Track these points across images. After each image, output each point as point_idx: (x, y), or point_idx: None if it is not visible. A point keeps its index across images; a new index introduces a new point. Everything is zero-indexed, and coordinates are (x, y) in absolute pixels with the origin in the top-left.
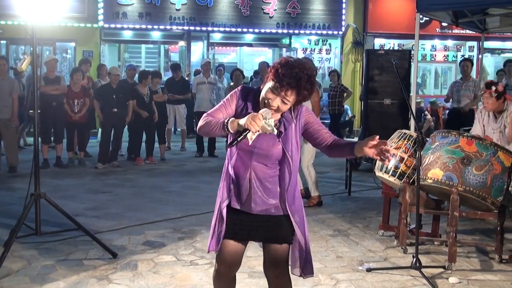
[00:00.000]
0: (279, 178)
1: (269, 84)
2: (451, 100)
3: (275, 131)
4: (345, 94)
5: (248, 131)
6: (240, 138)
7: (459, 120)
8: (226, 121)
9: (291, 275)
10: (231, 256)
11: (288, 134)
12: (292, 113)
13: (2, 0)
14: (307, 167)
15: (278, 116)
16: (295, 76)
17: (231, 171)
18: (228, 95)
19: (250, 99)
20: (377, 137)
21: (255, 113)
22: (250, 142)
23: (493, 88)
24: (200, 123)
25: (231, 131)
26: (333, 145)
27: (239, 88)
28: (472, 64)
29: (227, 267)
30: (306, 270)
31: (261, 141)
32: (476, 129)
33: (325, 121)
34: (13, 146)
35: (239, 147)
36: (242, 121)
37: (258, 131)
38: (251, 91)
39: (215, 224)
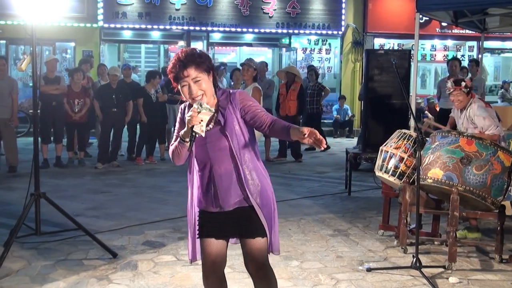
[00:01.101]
0: (235, 168)
1: (180, 87)
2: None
3: (213, 110)
4: (323, 93)
5: (193, 127)
6: (192, 136)
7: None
8: (178, 136)
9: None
10: (214, 253)
11: (228, 121)
12: (227, 100)
13: (2, 0)
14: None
15: (214, 102)
16: (178, 59)
17: (195, 173)
18: (178, 117)
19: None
20: (306, 129)
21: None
22: (203, 134)
23: (463, 84)
24: (170, 155)
25: (187, 139)
26: (272, 126)
27: (181, 106)
28: (460, 64)
29: (211, 265)
30: (273, 247)
31: (210, 136)
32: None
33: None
34: (13, 146)
35: (196, 150)
36: (186, 124)
37: (201, 121)
38: (187, 104)
39: (190, 232)
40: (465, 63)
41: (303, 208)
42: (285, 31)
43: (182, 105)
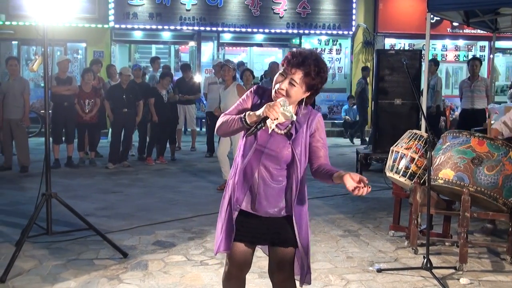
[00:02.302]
0: (286, 182)
1: (280, 70)
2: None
3: (294, 117)
4: None
5: (267, 118)
6: (260, 125)
7: (471, 120)
8: (244, 115)
9: None
10: (242, 257)
11: (299, 137)
12: (306, 118)
13: (14, 1)
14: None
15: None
16: (302, 55)
17: (240, 171)
18: (244, 95)
19: (265, 98)
20: (357, 178)
21: (273, 102)
22: (270, 130)
23: None
24: (218, 122)
25: (249, 123)
26: (318, 169)
27: (254, 87)
28: (481, 63)
29: (237, 269)
30: (306, 278)
31: (272, 142)
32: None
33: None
34: (24, 146)
35: (253, 146)
36: (260, 111)
37: (277, 118)
38: (266, 90)
39: (222, 225)
40: None
41: (313, 209)
42: (295, 31)
43: (255, 86)
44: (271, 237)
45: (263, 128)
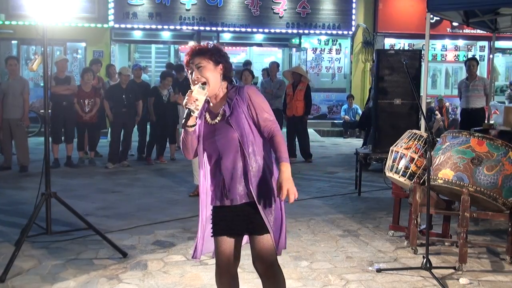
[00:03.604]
0: (241, 161)
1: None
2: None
3: (206, 89)
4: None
5: (189, 105)
6: (188, 115)
7: (470, 120)
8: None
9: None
10: (228, 251)
11: (235, 114)
12: (235, 93)
13: (13, 1)
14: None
15: (223, 94)
16: (193, 47)
17: (206, 169)
18: None
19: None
20: (282, 191)
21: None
22: (197, 112)
23: None
24: (181, 150)
25: (190, 124)
26: (270, 139)
27: None
28: (478, 63)
29: (225, 263)
30: (279, 245)
31: (219, 131)
32: None
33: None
34: (24, 145)
35: (205, 145)
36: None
37: (196, 100)
38: None
39: (200, 229)
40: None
41: (313, 209)
42: (295, 31)
43: None
44: (247, 227)
45: (192, 115)
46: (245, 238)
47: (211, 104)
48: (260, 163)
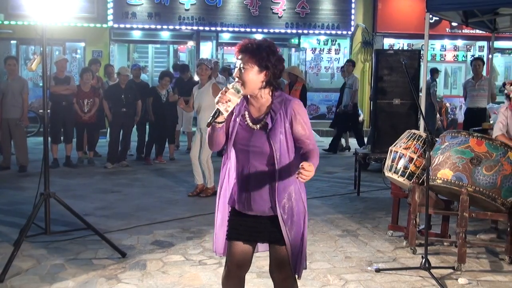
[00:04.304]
0: (271, 177)
1: None
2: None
3: (240, 90)
4: None
5: (219, 105)
6: (214, 115)
7: (475, 120)
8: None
9: None
10: (240, 256)
11: (276, 127)
12: (281, 105)
13: (13, 1)
14: (206, 161)
15: (265, 102)
16: (244, 42)
17: (231, 172)
18: None
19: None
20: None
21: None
22: (226, 114)
23: None
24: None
25: (219, 121)
26: (302, 155)
27: None
28: (484, 63)
29: (236, 268)
30: (297, 270)
31: (254, 138)
32: (497, 129)
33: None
34: (23, 145)
35: (237, 148)
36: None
37: (228, 100)
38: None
39: (218, 227)
40: None
41: (312, 209)
42: (294, 31)
43: None
44: (269, 236)
45: (220, 114)
46: (261, 246)
47: (251, 105)
48: (291, 181)
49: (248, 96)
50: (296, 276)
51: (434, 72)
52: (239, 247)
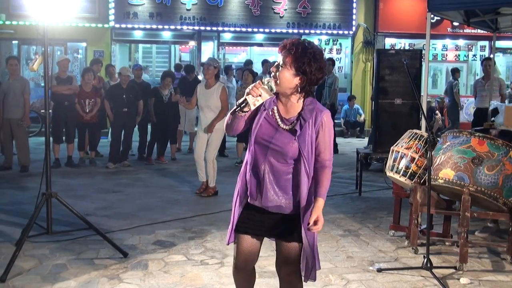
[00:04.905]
0: (292, 177)
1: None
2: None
3: (274, 89)
4: None
5: (249, 97)
6: (243, 104)
7: (484, 120)
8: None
9: None
10: (247, 250)
11: (305, 134)
12: (312, 114)
13: (14, 1)
14: (212, 160)
15: (296, 107)
16: (296, 43)
17: (248, 166)
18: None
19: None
20: (314, 222)
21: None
22: (253, 107)
23: None
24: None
25: (245, 110)
26: (315, 170)
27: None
28: (494, 63)
29: (243, 261)
30: (310, 274)
31: (278, 137)
32: None
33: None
34: (24, 145)
35: (256, 141)
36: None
37: (260, 95)
38: None
39: (232, 218)
40: (477, 63)
41: None
42: (296, 31)
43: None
44: (278, 232)
45: (247, 105)
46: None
47: (280, 104)
48: (310, 181)
49: (279, 94)
50: (309, 279)
51: (456, 71)
52: (247, 241)
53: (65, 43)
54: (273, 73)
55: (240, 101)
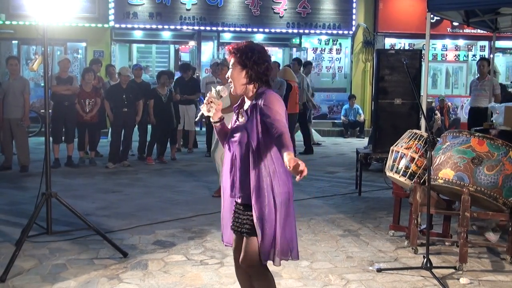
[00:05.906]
0: (247, 164)
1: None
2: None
3: (225, 94)
4: None
5: (203, 106)
6: (199, 114)
7: (478, 119)
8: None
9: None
10: (235, 247)
11: (252, 119)
12: (258, 98)
13: (14, 1)
14: (221, 159)
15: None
16: (237, 47)
17: (225, 163)
18: None
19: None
20: (291, 163)
21: None
22: (206, 114)
23: None
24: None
25: (213, 121)
26: (276, 138)
27: None
28: (489, 64)
29: (235, 259)
30: (270, 257)
31: (235, 130)
32: None
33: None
34: (24, 145)
35: (227, 140)
36: None
37: (211, 102)
38: None
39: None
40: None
41: (313, 208)
42: (295, 31)
43: None
44: (243, 228)
45: (205, 115)
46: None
47: (245, 103)
48: (262, 168)
49: (244, 95)
50: (273, 262)
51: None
52: (236, 238)
53: (65, 43)
54: (227, 77)
55: (199, 114)
